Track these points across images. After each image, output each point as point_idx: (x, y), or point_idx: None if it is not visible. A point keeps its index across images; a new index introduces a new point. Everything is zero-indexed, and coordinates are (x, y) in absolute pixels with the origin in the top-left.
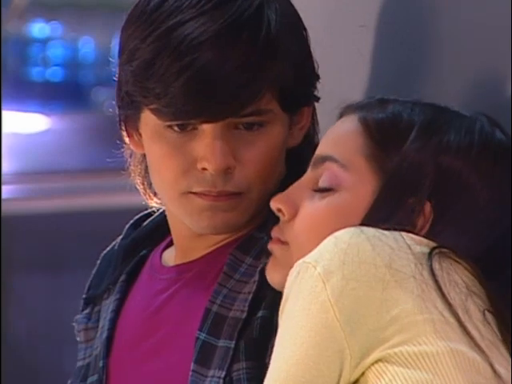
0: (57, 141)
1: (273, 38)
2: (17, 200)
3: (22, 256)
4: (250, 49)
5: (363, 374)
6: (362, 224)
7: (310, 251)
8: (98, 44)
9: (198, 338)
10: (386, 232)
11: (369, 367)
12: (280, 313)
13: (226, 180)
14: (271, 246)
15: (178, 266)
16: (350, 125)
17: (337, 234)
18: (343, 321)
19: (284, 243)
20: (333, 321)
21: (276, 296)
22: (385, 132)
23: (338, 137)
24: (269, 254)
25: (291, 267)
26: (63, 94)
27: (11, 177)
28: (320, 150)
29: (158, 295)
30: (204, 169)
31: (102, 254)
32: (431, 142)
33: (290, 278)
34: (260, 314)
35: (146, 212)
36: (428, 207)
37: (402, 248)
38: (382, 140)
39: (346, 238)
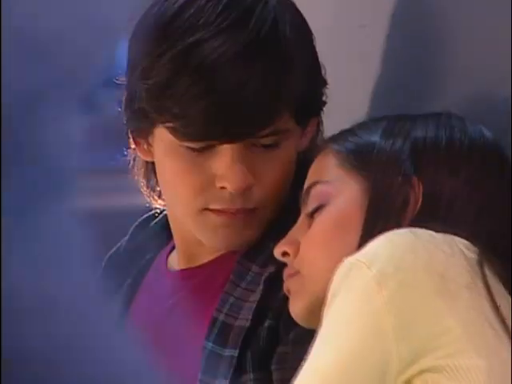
0: None
1: (289, 53)
2: None
3: None
4: (270, 68)
5: (409, 382)
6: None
7: (323, 268)
8: None
9: (204, 348)
10: (438, 236)
11: (416, 376)
12: (326, 309)
13: (244, 198)
14: (286, 285)
15: (182, 271)
16: (324, 154)
17: (391, 236)
18: (396, 325)
19: (295, 273)
20: (385, 324)
21: (283, 305)
22: (356, 146)
23: (316, 167)
24: (276, 261)
25: (309, 289)
26: None
27: None
28: (304, 186)
29: (164, 301)
30: (223, 187)
31: (107, 257)
32: (400, 135)
33: (338, 275)
34: (267, 323)
35: (151, 213)
36: (415, 181)
37: (456, 254)
38: (354, 152)
39: (402, 242)
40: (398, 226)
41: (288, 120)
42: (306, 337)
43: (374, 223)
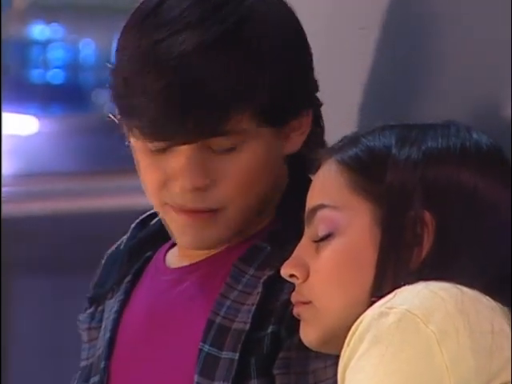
0: (57, 143)
1: (253, 58)
2: (17, 202)
3: (23, 258)
4: (228, 68)
5: None
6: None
7: (337, 304)
8: (98, 46)
9: (201, 350)
10: (475, 292)
11: None
12: (357, 350)
13: (201, 198)
14: (297, 311)
15: (181, 268)
16: (329, 169)
17: (436, 289)
18: None
19: (307, 303)
20: None
21: (284, 310)
22: (364, 163)
23: (322, 184)
24: (272, 265)
25: (322, 322)
26: (63, 96)
27: (11, 179)
28: (309, 204)
29: (161, 297)
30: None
31: (107, 253)
32: (411, 154)
33: (370, 319)
34: (270, 329)
35: (152, 211)
36: (428, 216)
37: (495, 307)
38: (363, 170)
39: (450, 298)
40: (412, 263)
41: (247, 121)
42: None
43: (388, 261)
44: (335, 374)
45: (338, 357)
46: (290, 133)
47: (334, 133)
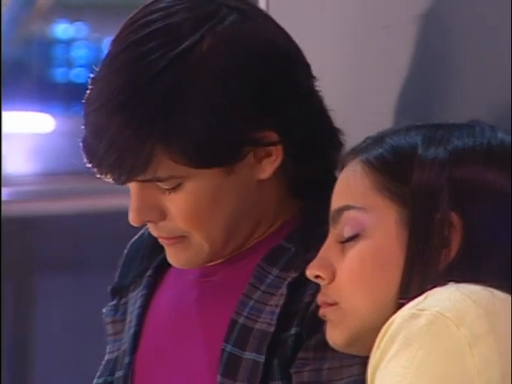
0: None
1: (161, 114)
2: (35, 201)
3: (46, 257)
4: (129, 121)
5: None
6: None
7: (364, 305)
8: None
9: (223, 350)
10: (505, 295)
11: None
12: (379, 354)
13: (154, 227)
14: (323, 312)
15: (205, 267)
16: (354, 169)
17: (467, 292)
18: None
19: (333, 304)
20: None
21: (307, 312)
22: (389, 163)
23: (347, 185)
24: (297, 266)
25: (349, 323)
26: None
27: (32, 177)
28: (334, 204)
29: (185, 295)
30: None
31: (130, 243)
32: (438, 155)
33: (402, 321)
34: (293, 331)
35: None
36: (455, 218)
37: None
38: (389, 171)
39: (482, 300)
40: (440, 264)
41: (174, 168)
42: (327, 342)
43: (415, 263)
44: (349, 376)
45: (354, 358)
46: (262, 160)
47: (357, 133)
